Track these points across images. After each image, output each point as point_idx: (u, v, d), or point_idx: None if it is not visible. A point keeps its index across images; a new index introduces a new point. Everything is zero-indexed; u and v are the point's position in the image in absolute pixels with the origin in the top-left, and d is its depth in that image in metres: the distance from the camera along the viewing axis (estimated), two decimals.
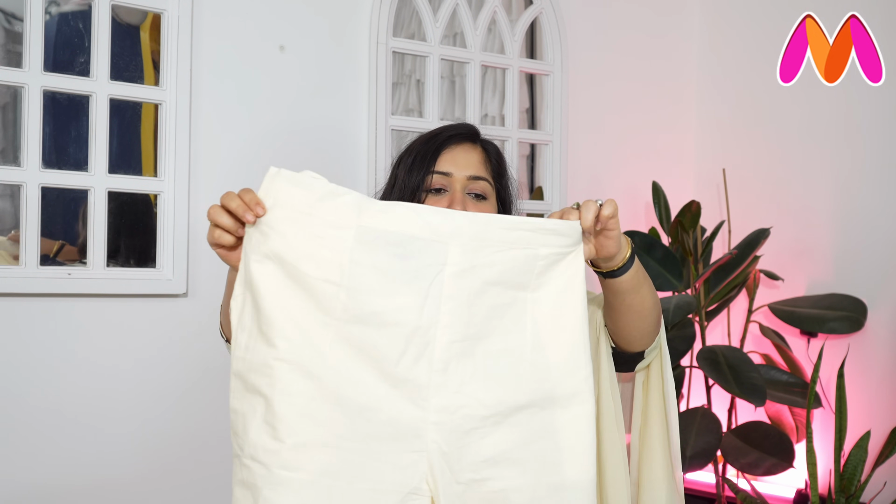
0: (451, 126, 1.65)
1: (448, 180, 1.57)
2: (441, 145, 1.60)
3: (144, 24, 2.17)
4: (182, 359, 2.17)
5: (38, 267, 1.99)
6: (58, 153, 2.05)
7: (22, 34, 1.98)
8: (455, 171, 1.58)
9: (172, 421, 2.15)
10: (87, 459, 2.05)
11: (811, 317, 2.67)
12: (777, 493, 2.74)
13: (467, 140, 1.62)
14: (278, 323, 1.15)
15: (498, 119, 2.88)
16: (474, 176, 1.58)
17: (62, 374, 2.02)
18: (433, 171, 1.58)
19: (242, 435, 1.18)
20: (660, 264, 2.74)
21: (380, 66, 2.43)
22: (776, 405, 2.71)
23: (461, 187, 1.57)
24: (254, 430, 1.17)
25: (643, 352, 1.49)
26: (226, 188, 2.22)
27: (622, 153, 3.01)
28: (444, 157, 1.59)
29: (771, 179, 2.97)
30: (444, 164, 1.58)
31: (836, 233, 2.80)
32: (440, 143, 1.60)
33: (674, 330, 2.56)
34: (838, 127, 2.81)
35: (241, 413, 1.20)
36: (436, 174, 1.57)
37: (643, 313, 1.44)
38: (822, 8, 2.77)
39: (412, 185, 1.58)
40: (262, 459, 1.16)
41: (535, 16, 2.77)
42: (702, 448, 2.47)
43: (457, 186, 1.57)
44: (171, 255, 2.13)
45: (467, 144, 1.61)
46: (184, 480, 2.17)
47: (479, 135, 1.65)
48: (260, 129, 2.28)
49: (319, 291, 1.15)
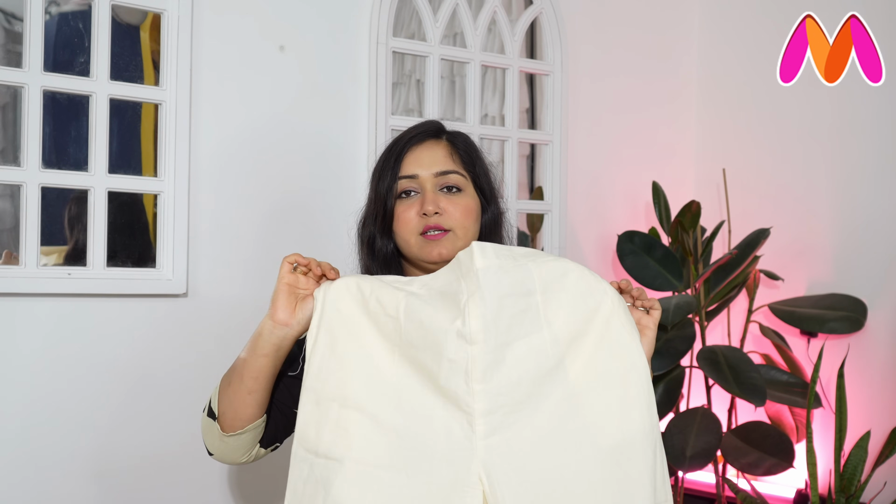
0: (414, 127, 1.64)
1: (416, 182, 1.57)
2: (403, 148, 1.59)
3: (144, 24, 2.17)
4: (182, 359, 2.17)
5: (38, 267, 1.99)
6: (58, 153, 2.05)
7: (22, 34, 1.98)
8: (420, 171, 1.56)
9: (172, 421, 2.15)
10: (86, 459, 2.05)
11: (811, 317, 2.67)
12: (777, 493, 2.74)
13: (430, 137, 1.60)
14: (350, 348, 1.36)
15: (498, 119, 2.88)
16: (442, 171, 1.56)
17: (62, 374, 2.02)
18: (399, 175, 1.57)
19: (315, 439, 1.34)
20: (660, 264, 2.74)
21: (380, 66, 2.43)
22: (776, 405, 2.71)
23: (431, 186, 1.56)
24: (327, 433, 1.33)
25: None
26: (226, 188, 2.23)
27: (622, 153, 3.01)
28: (408, 159, 1.58)
29: (771, 179, 2.97)
30: (409, 167, 1.57)
31: (836, 233, 2.80)
32: (402, 146, 1.59)
33: (674, 330, 2.56)
34: (838, 127, 2.81)
35: (312, 422, 1.35)
36: (402, 179, 1.57)
37: None
38: (822, 8, 2.77)
39: (382, 193, 1.58)
40: (335, 456, 1.31)
41: (535, 16, 2.77)
42: (702, 448, 2.47)
43: (427, 186, 1.56)
44: (171, 255, 2.13)
45: (430, 141, 1.60)
46: (183, 480, 2.17)
47: (443, 130, 1.63)
48: (260, 128, 2.28)
49: (382, 323, 1.37)
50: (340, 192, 2.40)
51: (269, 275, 2.29)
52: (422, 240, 1.55)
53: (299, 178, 2.34)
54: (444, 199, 1.55)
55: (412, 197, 1.57)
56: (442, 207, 1.54)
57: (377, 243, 1.60)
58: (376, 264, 1.62)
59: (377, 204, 1.59)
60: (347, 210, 2.39)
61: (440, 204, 1.54)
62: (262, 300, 2.28)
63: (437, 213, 1.54)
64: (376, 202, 1.59)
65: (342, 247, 2.40)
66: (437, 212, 1.54)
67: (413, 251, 1.57)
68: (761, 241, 2.65)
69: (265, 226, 2.29)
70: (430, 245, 1.55)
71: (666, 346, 2.53)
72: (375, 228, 1.60)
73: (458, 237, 1.55)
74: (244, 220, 2.26)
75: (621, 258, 2.76)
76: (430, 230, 1.54)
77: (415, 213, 1.55)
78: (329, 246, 2.38)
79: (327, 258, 2.36)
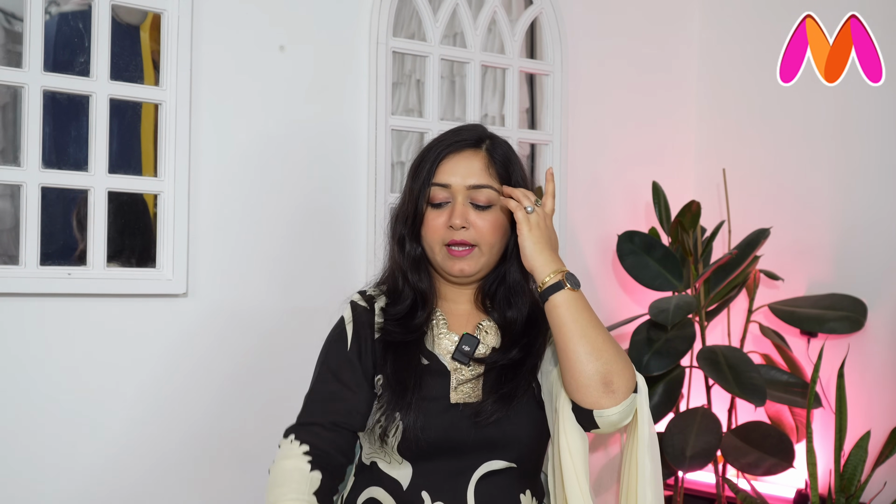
0: (456, 130, 1.63)
1: (448, 192, 1.56)
2: (440, 154, 1.58)
3: (144, 24, 2.17)
4: (182, 359, 2.17)
5: (38, 267, 1.99)
6: (58, 153, 2.05)
7: (22, 34, 1.98)
8: (454, 182, 1.56)
9: (172, 421, 2.15)
10: (87, 459, 2.05)
11: (811, 317, 2.67)
12: (777, 493, 2.74)
13: (469, 146, 1.59)
14: None
15: (498, 119, 2.88)
16: (475, 185, 1.56)
17: (62, 374, 2.02)
18: (432, 182, 1.57)
19: None
20: (660, 264, 2.74)
21: (380, 66, 2.43)
22: (776, 405, 2.71)
23: (462, 198, 1.55)
24: None
25: (592, 412, 1.45)
26: (226, 188, 2.23)
27: (622, 153, 3.01)
28: (444, 166, 1.57)
29: (771, 179, 2.97)
30: (444, 175, 1.57)
31: (836, 233, 2.79)
32: (440, 151, 1.59)
33: (674, 330, 2.56)
34: (838, 127, 2.81)
35: None
36: (434, 186, 1.57)
37: (577, 358, 1.43)
38: (822, 8, 2.77)
39: (415, 193, 1.59)
40: None
41: (535, 16, 2.77)
42: (702, 448, 2.47)
43: (458, 197, 1.56)
44: (171, 255, 2.13)
45: (468, 151, 1.59)
46: (183, 480, 2.17)
47: (484, 139, 1.61)
48: (260, 128, 2.28)
49: None
50: (340, 192, 2.40)
51: (269, 274, 2.30)
52: (446, 252, 1.57)
53: (299, 178, 2.34)
54: (474, 213, 1.56)
55: (442, 208, 1.57)
56: (470, 221, 1.55)
57: (406, 245, 1.61)
58: (406, 262, 1.62)
59: (409, 204, 1.60)
60: (347, 209, 2.40)
61: (469, 218, 1.55)
62: (261, 300, 2.29)
63: (465, 228, 1.55)
64: (409, 202, 1.60)
65: (341, 246, 2.41)
66: (465, 226, 1.55)
67: (437, 260, 1.59)
68: (761, 241, 2.65)
69: (265, 225, 2.29)
70: (453, 260, 1.56)
71: (666, 346, 2.53)
72: (406, 230, 1.61)
73: (482, 253, 1.57)
74: (244, 220, 2.26)
75: (621, 258, 2.76)
76: (455, 245, 1.55)
77: (443, 222, 1.56)
78: (329, 246, 2.38)
79: (326, 257, 2.37)
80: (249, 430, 2.24)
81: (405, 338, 1.58)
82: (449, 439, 1.52)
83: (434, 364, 1.58)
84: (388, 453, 1.54)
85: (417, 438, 1.50)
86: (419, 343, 1.59)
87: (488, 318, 1.63)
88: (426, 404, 1.52)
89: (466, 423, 1.52)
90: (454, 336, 1.60)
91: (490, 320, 1.62)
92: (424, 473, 1.52)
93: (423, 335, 1.60)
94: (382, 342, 1.58)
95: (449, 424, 1.52)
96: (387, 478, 1.54)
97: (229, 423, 2.23)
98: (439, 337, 1.60)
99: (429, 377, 1.56)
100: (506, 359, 1.56)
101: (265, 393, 2.26)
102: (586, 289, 1.48)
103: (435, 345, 1.60)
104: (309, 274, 2.34)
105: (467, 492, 1.51)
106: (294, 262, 2.33)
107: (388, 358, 1.57)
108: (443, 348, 1.59)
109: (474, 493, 1.51)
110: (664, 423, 2.67)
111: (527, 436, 1.53)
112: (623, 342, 2.88)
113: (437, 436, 1.51)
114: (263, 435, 2.22)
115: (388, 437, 1.51)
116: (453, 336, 1.60)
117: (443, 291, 1.65)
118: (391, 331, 1.59)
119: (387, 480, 1.54)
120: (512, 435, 1.53)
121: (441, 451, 1.52)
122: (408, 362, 1.56)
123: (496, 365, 1.57)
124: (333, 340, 1.62)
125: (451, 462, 1.52)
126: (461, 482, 1.52)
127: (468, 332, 1.60)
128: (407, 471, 1.53)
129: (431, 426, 1.51)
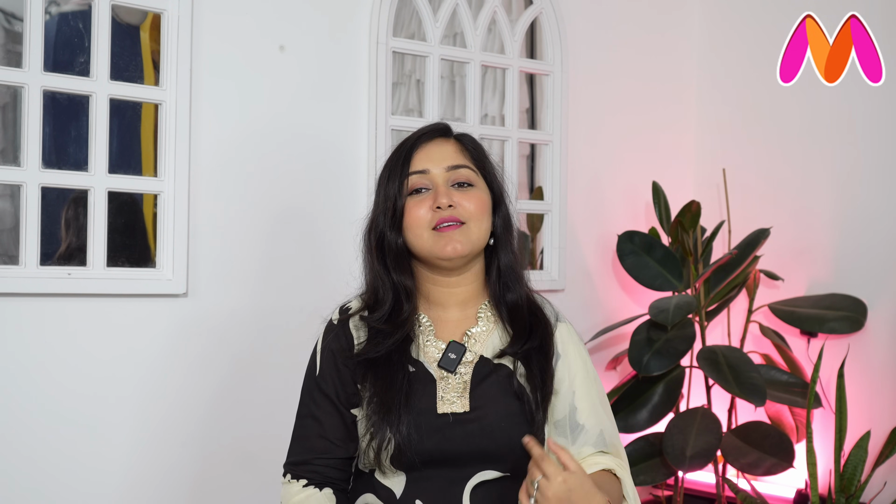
0: (420, 128, 1.62)
1: (427, 178, 1.54)
2: (412, 147, 1.56)
3: (144, 24, 2.17)
4: (182, 359, 2.17)
5: (38, 267, 1.99)
6: (58, 153, 2.05)
7: (22, 34, 1.98)
8: (431, 166, 1.54)
9: (172, 421, 2.15)
10: (86, 459, 2.05)
11: (811, 317, 2.67)
12: (777, 493, 2.74)
13: (438, 135, 1.58)
14: None
15: (498, 119, 2.88)
16: (453, 165, 1.54)
17: (62, 374, 2.02)
18: (409, 172, 1.54)
19: None
20: (660, 264, 2.74)
21: (380, 66, 2.43)
22: (776, 405, 2.71)
23: (443, 180, 1.53)
24: None
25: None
26: (226, 188, 2.23)
27: (622, 153, 3.01)
28: (418, 156, 1.55)
29: (771, 179, 2.97)
30: (419, 163, 1.55)
31: (836, 233, 2.80)
32: (410, 144, 1.57)
33: (674, 330, 2.56)
34: (838, 127, 2.81)
35: None
36: (412, 175, 1.54)
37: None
38: (822, 8, 2.77)
39: (391, 194, 1.54)
40: None
41: (535, 16, 2.77)
42: (702, 448, 2.47)
43: (438, 181, 1.53)
44: (171, 255, 2.13)
45: (439, 139, 1.58)
46: (183, 480, 2.17)
47: (451, 130, 1.61)
48: (260, 128, 2.28)
49: None
50: (340, 192, 2.40)
51: (269, 274, 2.30)
52: (435, 234, 1.52)
53: (299, 178, 2.34)
54: (457, 193, 1.53)
55: (422, 194, 1.53)
56: (455, 201, 1.52)
57: (387, 239, 1.55)
58: (390, 260, 1.56)
59: (386, 204, 1.55)
60: (347, 209, 2.40)
61: (453, 198, 1.52)
62: (261, 300, 2.29)
63: (451, 206, 1.51)
64: (385, 203, 1.55)
65: (341, 245, 2.41)
66: (451, 205, 1.51)
67: (426, 246, 1.53)
68: (761, 241, 2.65)
69: (265, 225, 2.29)
70: (444, 239, 1.51)
71: (666, 346, 2.53)
72: (385, 225, 1.55)
73: (471, 230, 1.52)
74: (244, 220, 2.26)
75: (621, 258, 2.76)
76: (443, 222, 1.51)
77: (427, 208, 1.52)
78: (328, 245, 2.38)
79: (326, 257, 2.37)
80: (249, 429, 2.24)
81: (389, 347, 1.53)
82: (442, 451, 1.49)
83: (420, 371, 1.54)
84: (381, 464, 1.52)
85: (410, 452, 1.48)
86: (404, 352, 1.55)
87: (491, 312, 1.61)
88: (415, 417, 1.50)
89: (459, 435, 1.50)
90: (441, 344, 1.57)
91: (486, 322, 1.60)
92: (418, 482, 1.51)
93: (410, 342, 1.56)
94: (365, 360, 1.54)
95: (441, 437, 1.50)
96: (381, 486, 1.53)
97: (229, 422, 2.23)
98: (426, 345, 1.57)
99: (416, 384, 1.53)
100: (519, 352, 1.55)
101: (264, 392, 2.26)
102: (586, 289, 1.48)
103: (421, 352, 1.56)
104: (309, 274, 2.34)
105: (462, 500, 1.50)
106: (294, 262, 2.33)
107: (371, 373, 1.53)
108: (429, 356, 1.56)
109: (469, 502, 1.50)
110: (664, 423, 2.67)
111: (520, 446, 1.50)
112: (623, 342, 2.88)
113: (430, 448, 1.49)
114: (263, 434, 2.23)
115: (381, 451, 1.50)
116: (440, 344, 1.57)
117: (432, 294, 1.60)
118: (376, 341, 1.55)
119: (381, 489, 1.53)
120: (505, 445, 1.51)
121: (434, 462, 1.50)
122: (392, 377, 1.52)
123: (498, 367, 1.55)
124: (308, 373, 1.60)
125: (444, 472, 1.50)
126: (455, 491, 1.50)
127: (455, 339, 1.57)
128: (401, 480, 1.51)
129: (424, 440, 1.49)
